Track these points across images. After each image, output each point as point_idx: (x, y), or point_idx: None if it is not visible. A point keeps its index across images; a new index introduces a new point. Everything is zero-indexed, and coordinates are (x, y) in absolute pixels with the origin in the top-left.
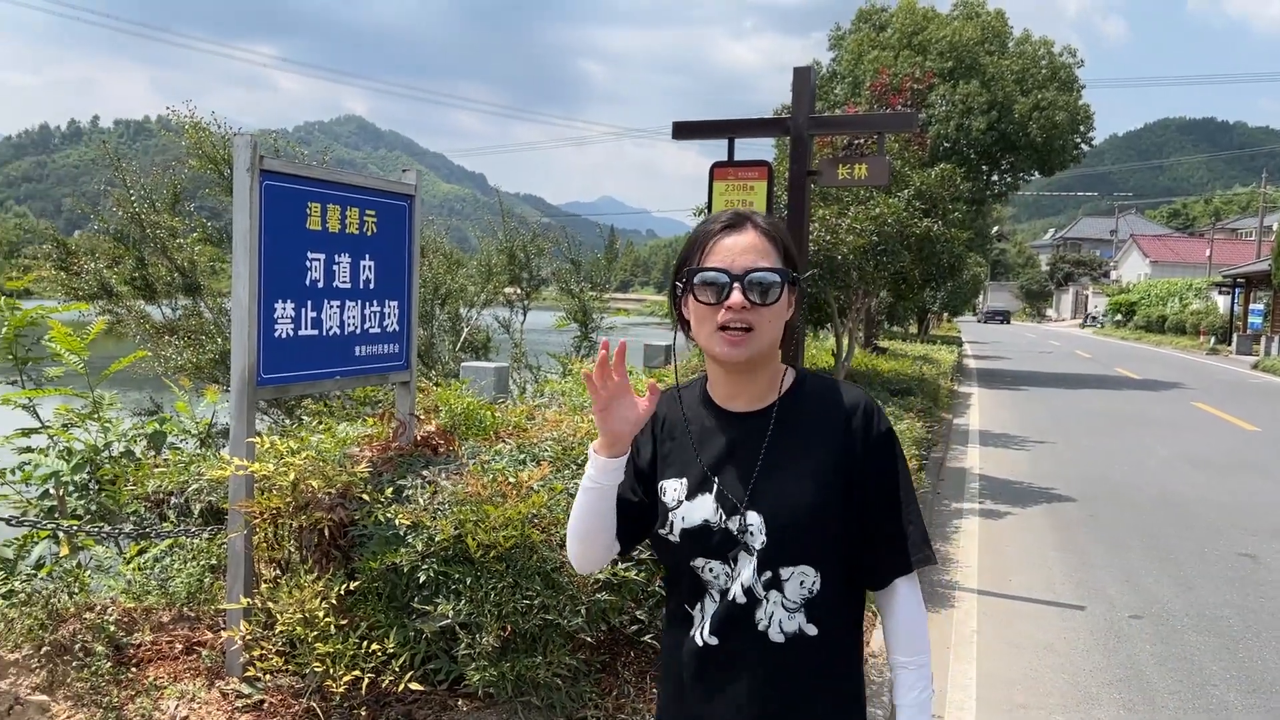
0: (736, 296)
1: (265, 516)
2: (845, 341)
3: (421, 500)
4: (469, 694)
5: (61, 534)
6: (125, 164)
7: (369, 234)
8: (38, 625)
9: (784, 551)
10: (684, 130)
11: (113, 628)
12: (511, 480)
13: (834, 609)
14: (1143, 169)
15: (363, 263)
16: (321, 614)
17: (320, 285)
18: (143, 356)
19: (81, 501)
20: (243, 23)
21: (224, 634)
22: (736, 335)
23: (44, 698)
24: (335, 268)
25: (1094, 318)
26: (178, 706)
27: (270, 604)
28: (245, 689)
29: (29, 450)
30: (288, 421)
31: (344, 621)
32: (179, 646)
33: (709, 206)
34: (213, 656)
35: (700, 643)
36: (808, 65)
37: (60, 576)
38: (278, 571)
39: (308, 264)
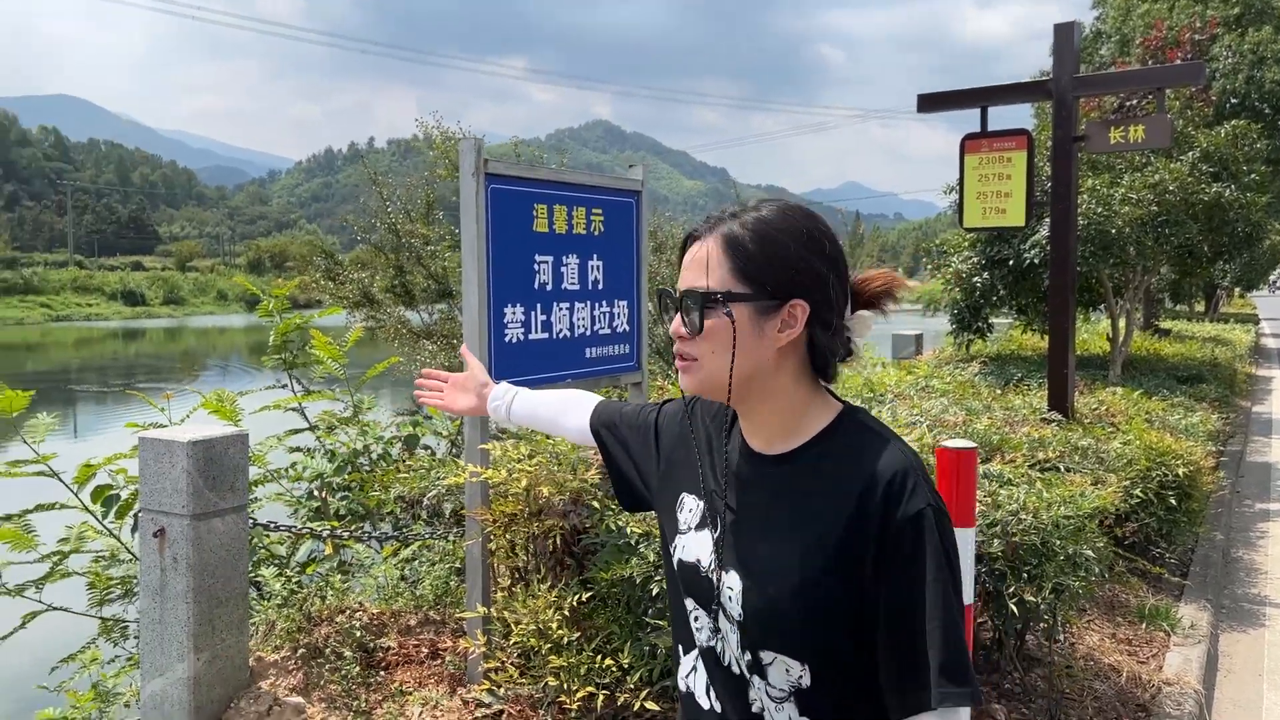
0: (673, 323)
1: (500, 523)
2: (1121, 324)
3: None
4: None
5: (323, 536)
6: (393, 180)
7: (596, 233)
8: (295, 628)
9: (762, 634)
10: (931, 102)
11: (360, 632)
12: None
13: (839, 705)
14: None
15: (590, 263)
16: (555, 625)
17: (549, 288)
18: (395, 362)
19: (344, 502)
20: (496, 39)
21: (463, 641)
22: (683, 364)
23: (300, 699)
24: (563, 269)
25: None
26: (422, 713)
27: (506, 613)
28: (485, 698)
29: (298, 449)
30: None
31: (578, 634)
32: (424, 651)
33: (960, 183)
34: (455, 663)
35: (705, 705)
36: (1070, 21)
37: (322, 576)
38: (514, 579)
39: (535, 266)
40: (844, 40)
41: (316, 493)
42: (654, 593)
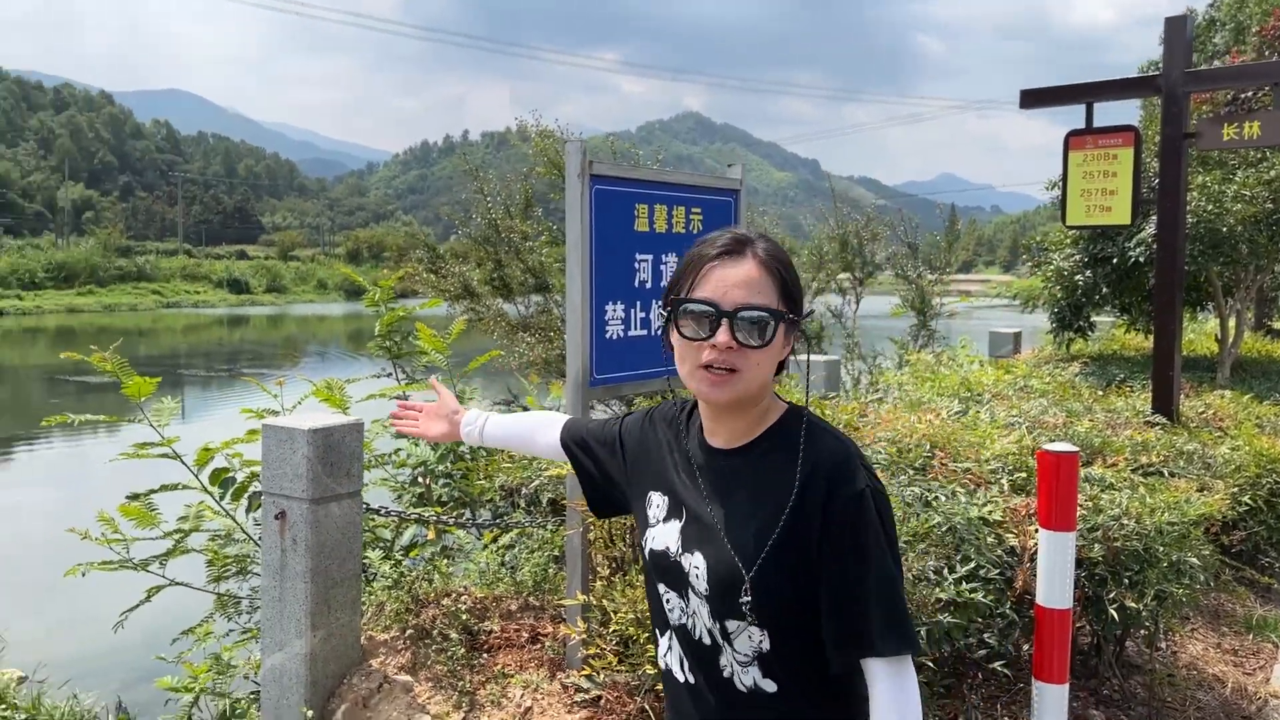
0: (723, 336)
1: None
2: (1231, 324)
3: None
4: None
5: (429, 521)
6: (487, 174)
7: (695, 232)
8: (403, 609)
9: (725, 605)
10: (1034, 98)
11: (465, 615)
12: None
13: (796, 667)
14: None
15: None
16: None
17: (648, 286)
18: (496, 355)
19: (446, 489)
20: (588, 31)
21: (563, 627)
22: (719, 375)
23: (408, 678)
24: (662, 267)
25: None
26: (523, 695)
27: (605, 602)
28: (584, 683)
29: (402, 436)
30: None
31: None
32: (524, 635)
33: (1064, 179)
34: (554, 648)
35: (681, 679)
36: (1181, 14)
37: (427, 560)
38: (613, 569)
39: (635, 265)
40: (941, 29)
41: (420, 479)
42: None
